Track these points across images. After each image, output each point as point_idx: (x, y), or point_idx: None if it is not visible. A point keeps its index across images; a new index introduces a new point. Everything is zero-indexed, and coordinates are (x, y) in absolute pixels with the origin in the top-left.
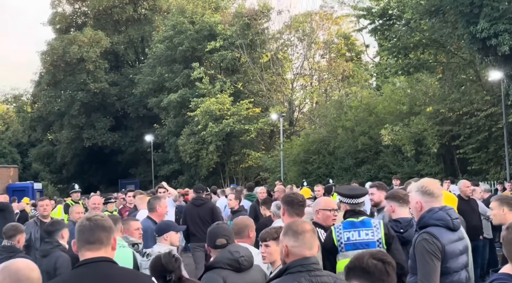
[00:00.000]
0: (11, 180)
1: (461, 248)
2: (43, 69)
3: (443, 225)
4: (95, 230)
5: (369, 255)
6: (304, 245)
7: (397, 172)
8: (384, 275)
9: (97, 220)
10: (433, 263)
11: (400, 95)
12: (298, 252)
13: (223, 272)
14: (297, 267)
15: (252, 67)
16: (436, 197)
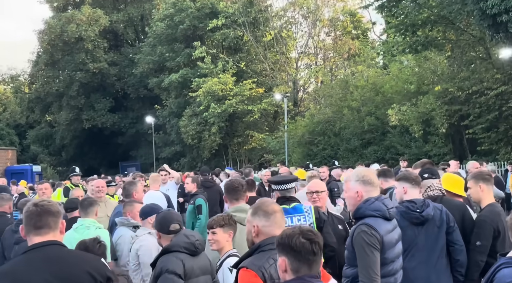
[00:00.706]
0: (9, 162)
1: (397, 237)
2: (41, 49)
3: (380, 215)
4: (42, 215)
5: (299, 234)
6: (275, 225)
7: (405, 153)
8: (310, 254)
9: (44, 205)
10: (373, 255)
11: (408, 74)
12: (269, 232)
13: (181, 255)
14: (269, 245)
15: (255, 46)
16: (376, 186)
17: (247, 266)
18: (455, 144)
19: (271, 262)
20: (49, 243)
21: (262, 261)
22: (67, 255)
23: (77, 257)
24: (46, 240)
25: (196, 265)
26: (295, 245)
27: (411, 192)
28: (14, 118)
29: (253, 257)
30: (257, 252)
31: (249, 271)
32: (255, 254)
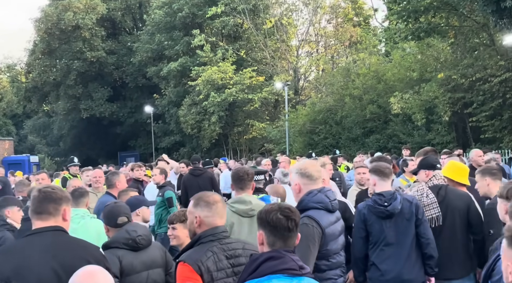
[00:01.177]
0: (6, 153)
1: (340, 229)
2: (37, 37)
3: (323, 208)
4: (43, 201)
5: (277, 210)
6: (217, 215)
7: (407, 141)
8: (286, 230)
9: (47, 191)
10: (311, 248)
11: (410, 61)
12: (211, 222)
13: (119, 252)
14: (208, 236)
15: (255, 34)
16: (315, 180)
17: (184, 260)
18: (458, 132)
19: (209, 255)
20: (49, 228)
21: (199, 254)
22: (67, 241)
23: (78, 244)
24: (48, 225)
25: (138, 260)
26: (271, 220)
27: (380, 184)
28: (11, 108)
29: (192, 250)
30: (197, 244)
31: (185, 265)
32: (195, 246)
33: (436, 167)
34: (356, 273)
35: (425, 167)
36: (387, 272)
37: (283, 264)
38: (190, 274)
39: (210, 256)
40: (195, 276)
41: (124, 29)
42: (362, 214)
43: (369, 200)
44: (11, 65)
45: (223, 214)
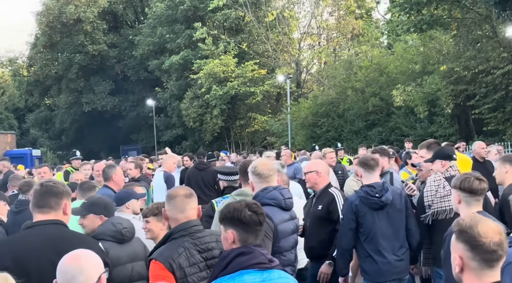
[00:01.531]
0: (9, 146)
1: (292, 227)
2: (39, 31)
3: (276, 204)
4: (45, 195)
5: (245, 207)
6: (176, 209)
7: (410, 134)
8: (258, 225)
9: (48, 185)
10: (266, 241)
11: (413, 53)
12: (172, 215)
13: (106, 244)
14: (180, 232)
15: (257, 27)
16: (265, 178)
17: (156, 258)
18: (461, 124)
19: (180, 251)
20: (49, 222)
21: (171, 251)
22: (64, 235)
23: (77, 238)
24: (47, 219)
25: (124, 252)
26: (244, 218)
27: (366, 176)
28: (13, 102)
29: (164, 247)
30: (170, 239)
31: (157, 263)
32: (167, 242)
33: (453, 157)
34: (342, 265)
35: (442, 157)
36: (383, 263)
37: (254, 259)
38: (162, 272)
39: (182, 252)
40: (166, 274)
41: (126, 22)
42: (354, 206)
43: (360, 191)
44: (13, 59)
45: (183, 208)
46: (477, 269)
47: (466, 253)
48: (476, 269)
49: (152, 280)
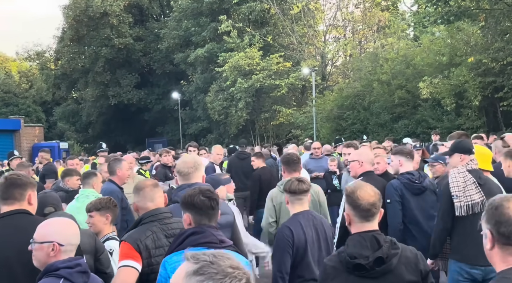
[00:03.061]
0: (37, 139)
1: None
2: (66, 25)
3: None
4: (9, 187)
5: (198, 193)
6: (145, 199)
7: (437, 126)
8: (210, 209)
9: (12, 178)
10: None
11: (440, 45)
12: (142, 205)
13: None
14: (149, 217)
15: (282, 19)
16: (183, 175)
17: (125, 239)
18: (489, 116)
19: (148, 234)
20: (14, 212)
21: (139, 233)
22: (28, 222)
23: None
24: (12, 209)
25: None
26: (196, 203)
27: (406, 164)
28: (41, 95)
29: (134, 230)
30: (140, 224)
31: (126, 244)
32: (138, 227)
33: (472, 151)
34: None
35: (461, 150)
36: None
37: (204, 238)
38: (129, 251)
39: (149, 235)
40: (134, 253)
41: (152, 15)
42: (399, 190)
43: (401, 178)
44: (41, 53)
45: (153, 197)
46: (358, 222)
47: (351, 211)
48: (358, 222)
49: (121, 258)
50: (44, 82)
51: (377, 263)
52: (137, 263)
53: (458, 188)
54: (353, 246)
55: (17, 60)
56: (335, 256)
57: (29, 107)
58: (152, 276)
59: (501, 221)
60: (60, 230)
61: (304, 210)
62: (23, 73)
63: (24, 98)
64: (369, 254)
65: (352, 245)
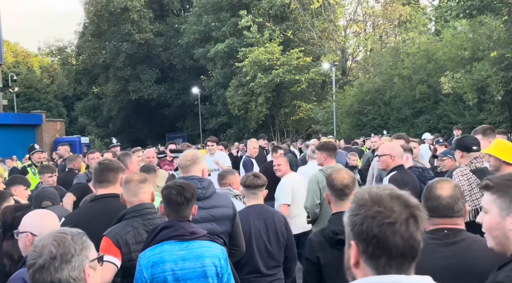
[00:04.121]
0: (58, 134)
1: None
2: (87, 20)
3: None
4: (104, 171)
5: (172, 187)
6: (129, 192)
7: (458, 121)
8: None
9: (105, 163)
10: None
11: (462, 40)
12: (127, 198)
13: None
14: (131, 213)
15: (302, 14)
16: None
17: (106, 234)
18: None
19: (129, 229)
20: (108, 195)
21: (120, 229)
22: (120, 205)
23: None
24: (106, 192)
25: None
26: (166, 196)
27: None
28: (62, 90)
29: (116, 226)
30: (123, 219)
31: (106, 239)
32: (121, 221)
33: (471, 149)
34: None
35: (460, 147)
36: None
37: (174, 231)
38: (109, 247)
39: (130, 231)
40: (113, 248)
41: (172, 11)
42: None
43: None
44: (62, 48)
45: (137, 192)
46: (334, 202)
47: (329, 191)
48: (334, 201)
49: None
50: (66, 78)
51: None
52: (116, 258)
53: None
54: (335, 224)
55: (39, 56)
56: (319, 232)
57: (50, 102)
58: (132, 271)
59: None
60: (36, 221)
61: (257, 204)
62: (45, 69)
63: (45, 94)
64: None
65: (334, 223)
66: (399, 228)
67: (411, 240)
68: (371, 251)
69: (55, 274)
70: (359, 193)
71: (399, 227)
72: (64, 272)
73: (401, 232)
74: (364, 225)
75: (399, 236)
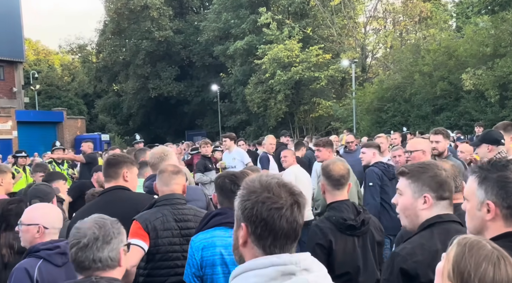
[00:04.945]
0: (79, 131)
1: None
2: (107, 18)
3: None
4: (107, 167)
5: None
6: (161, 182)
7: (480, 118)
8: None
9: (108, 159)
10: None
11: (484, 36)
12: (159, 188)
13: None
14: (162, 201)
15: (322, 11)
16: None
17: (136, 218)
18: None
19: (158, 216)
20: (112, 188)
21: (150, 214)
22: (125, 196)
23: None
24: (111, 186)
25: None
26: (219, 184)
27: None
28: (82, 88)
29: (147, 211)
30: (154, 206)
31: (136, 223)
32: (151, 208)
33: (500, 142)
34: None
35: (489, 141)
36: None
37: (226, 218)
38: (138, 230)
39: (159, 217)
40: (142, 232)
41: (191, 8)
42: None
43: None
44: (83, 46)
45: (168, 182)
46: (331, 191)
47: (325, 181)
48: (330, 190)
49: (130, 236)
50: (86, 75)
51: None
52: (144, 242)
53: None
54: (339, 211)
55: (59, 54)
56: (325, 219)
57: (71, 100)
58: (157, 256)
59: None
60: (45, 214)
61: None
62: (66, 66)
63: (66, 91)
64: (355, 217)
65: (339, 211)
66: (285, 213)
67: (294, 223)
68: (259, 232)
69: (96, 253)
70: (250, 180)
71: (285, 212)
72: (104, 251)
73: (287, 216)
74: (255, 209)
75: (284, 220)
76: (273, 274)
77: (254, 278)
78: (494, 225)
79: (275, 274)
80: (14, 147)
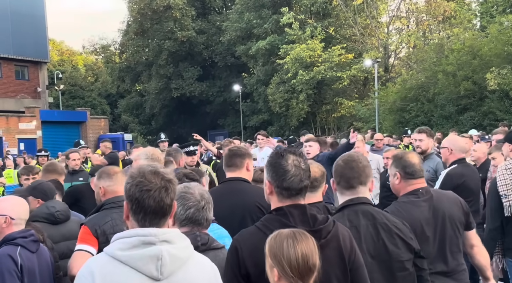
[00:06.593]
0: (102, 131)
1: None
2: (130, 18)
3: None
4: (232, 157)
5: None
6: (118, 183)
7: (504, 118)
8: None
9: (233, 149)
10: None
11: (509, 35)
12: (114, 190)
13: (39, 225)
14: (110, 204)
15: (344, 11)
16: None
17: (85, 223)
18: None
19: (107, 220)
20: (234, 178)
21: (98, 219)
22: (244, 188)
23: (251, 189)
24: (233, 176)
25: (58, 232)
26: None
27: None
28: (106, 88)
29: (95, 215)
30: (101, 210)
31: (85, 228)
32: (98, 212)
33: None
34: None
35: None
36: None
37: None
38: (87, 236)
39: (108, 221)
40: (91, 238)
41: (214, 8)
42: None
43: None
44: (106, 46)
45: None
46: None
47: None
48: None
49: (78, 242)
50: (109, 75)
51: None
52: (92, 247)
53: (506, 186)
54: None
55: (83, 54)
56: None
57: (94, 100)
58: None
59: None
60: (13, 206)
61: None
62: (89, 67)
63: (90, 91)
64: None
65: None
66: (153, 194)
67: (161, 203)
68: (134, 208)
69: (207, 213)
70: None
71: (153, 193)
72: (210, 213)
73: (154, 196)
74: (131, 190)
75: (152, 199)
76: (135, 242)
77: (120, 244)
78: None
79: (136, 243)
80: (38, 146)
